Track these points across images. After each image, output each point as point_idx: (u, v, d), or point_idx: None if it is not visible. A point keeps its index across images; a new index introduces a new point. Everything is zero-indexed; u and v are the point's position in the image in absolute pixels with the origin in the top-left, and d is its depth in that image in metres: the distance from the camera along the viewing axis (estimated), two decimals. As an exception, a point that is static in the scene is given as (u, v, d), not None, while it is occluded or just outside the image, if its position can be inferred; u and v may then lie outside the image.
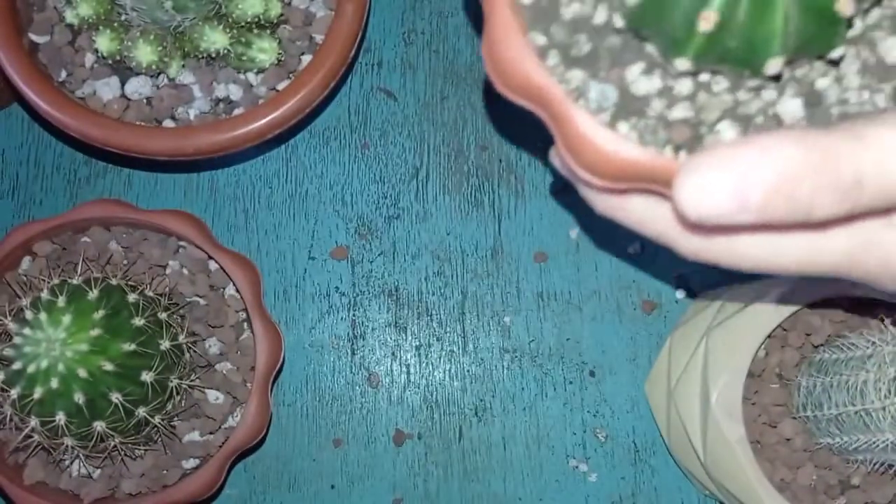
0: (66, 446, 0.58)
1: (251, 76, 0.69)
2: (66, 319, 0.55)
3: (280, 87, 0.69)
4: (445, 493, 0.71)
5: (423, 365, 0.73)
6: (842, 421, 0.56)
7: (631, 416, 0.71)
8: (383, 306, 0.74)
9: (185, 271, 0.68)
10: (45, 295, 0.57)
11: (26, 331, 0.55)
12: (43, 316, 0.56)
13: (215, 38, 0.65)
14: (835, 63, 0.35)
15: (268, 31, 0.68)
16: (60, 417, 0.56)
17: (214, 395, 0.65)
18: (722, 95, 0.36)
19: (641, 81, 0.36)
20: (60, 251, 0.67)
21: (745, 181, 0.28)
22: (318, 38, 0.70)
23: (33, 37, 0.68)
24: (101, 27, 0.65)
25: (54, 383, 0.54)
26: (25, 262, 0.67)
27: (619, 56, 0.36)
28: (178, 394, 0.62)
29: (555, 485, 0.71)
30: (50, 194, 0.75)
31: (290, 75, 0.69)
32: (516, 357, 0.73)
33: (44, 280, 0.61)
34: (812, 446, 0.61)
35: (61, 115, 0.65)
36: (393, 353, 0.73)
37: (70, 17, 0.65)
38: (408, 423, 0.72)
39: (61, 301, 0.56)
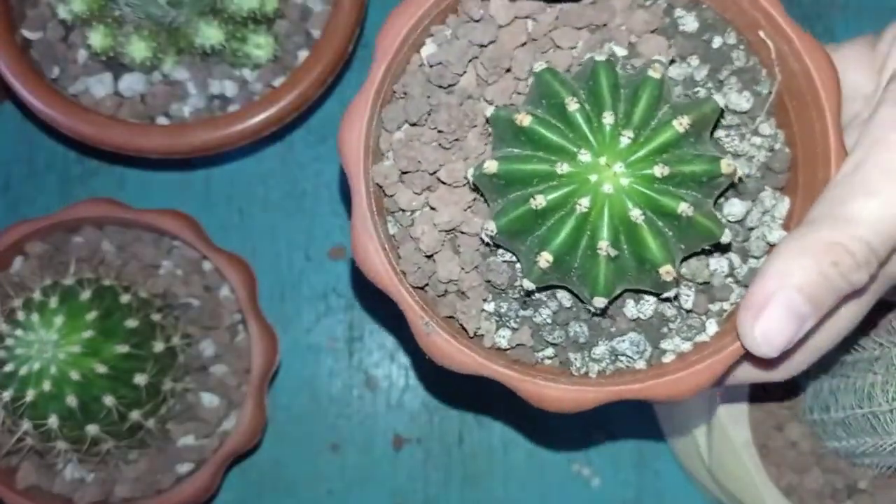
0: (59, 450, 0.59)
1: (247, 72, 0.70)
2: (59, 321, 0.56)
3: (276, 83, 0.70)
4: (445, 499, 0.72)
5: (423, 367, 0.74)
6: (849, 424, 0.57)
7: (635, 420, 0.72)
8: (382, 307, 0.74)
9: (178, 272, 0.69)
10: (37, 296, 0.58)
11: (18, 332, 0.56)
12: (35, 317, 0.57)
13: (210, 34, 0.66)
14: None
15: (264, 27, 0.69)
16: (53, 420, 0.57)
17: (209, 398, 0.66)
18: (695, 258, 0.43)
19: (643, 308, 0.42)
20: (53, 251, 0.68)
21: (789, 307, 0.37)
22: (316, 33, 0.71)
23: (26, 33, 0.70)
24: (94, 23, 0.66)
25: (47, 386, 0.55)
26: (17, 262, 0.68)
27: (612, 309, 0.42)
28: (172, 397, 0.63)
29: (557, 490, 0.72)
30: (42, 193, 0.76)
31: (287, 71, 0.70)
32: (518, 359, 0.73)
33: (36, 280, 0.62)
34: (819, 450, 0.61)
35: (53, 112, 0.66)
36: (392, 356, 0.74)
37: (63, 12, 0.66)
38: (407, 427, 0.73)
39: (53, 302, 0.57)
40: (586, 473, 0.72)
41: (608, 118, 0.37)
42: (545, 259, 0.38)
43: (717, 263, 0.42)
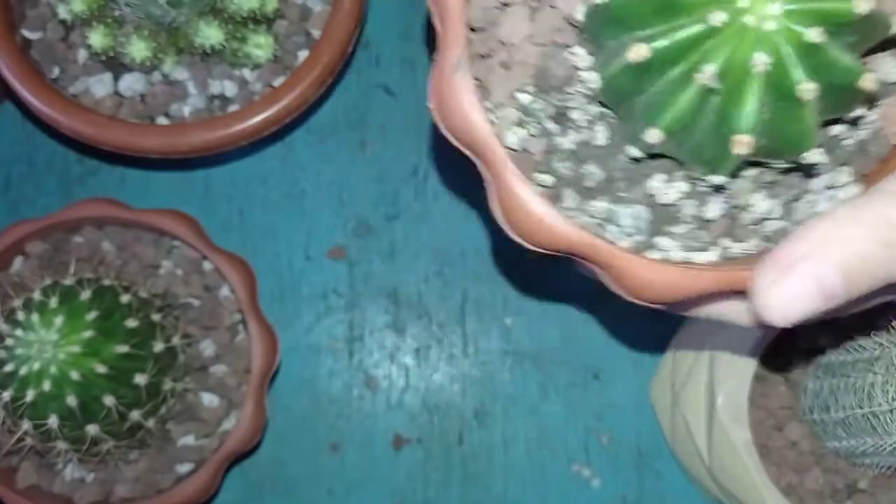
0: (59, 450, 0.60)
1: (246, 72, 0.71)
2: (59, 321, 0.57)
3: (276, 83, 0.70)
4: (445, 499, 0.72)
5: (423, 368, 0.74)
6: (849, 424, 0.57)
7: (635, 420, 0.72)
8: (382, 308, 0.75)
9: (178, 272, 0.69)
10: (36, 296, 0.59)
11: (18, 332, 0.57)
12: (35, 317, 0.57)
13: (210, 34, 0.66)
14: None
15: (263, 27, 0.69)
16: (53, 420, 0.57)
17: (209, 398, 0.67)
18: (749, 175, 0.36)
19: (667, 190, 0.36)
20: (52, 251, 0.68)
21: (820, 280, 0.31)
22: (315, 33, 0.72)
23: (26, 33, 0.70)
24: (94, 23, 0.66)
25: (47, 386, 0.56)
26: (17, 262, 0.68)
27: (635, 173, 0.36)
28: (172, 397, 0.63)
29: (557, 490, 0.72)
30: (42, 193, 0.77)
31: (287, 71, 0.70)
32: (518, 359, 0.74)
33: (36, 280, 0.62)
34: (819, 450, 0.62)
35: (53, 112, 0.66)
36: (391, 356, 0.74)
37: (63, 12, 0.67)
38: (407, 428, 0.73)
39: (53, 302, 0.58)
40: (586, 474, 0.72)
41: None
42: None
43: (759, 200, 0.37)
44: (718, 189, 0.36)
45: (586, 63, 0.35)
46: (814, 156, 0.33)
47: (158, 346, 0.61)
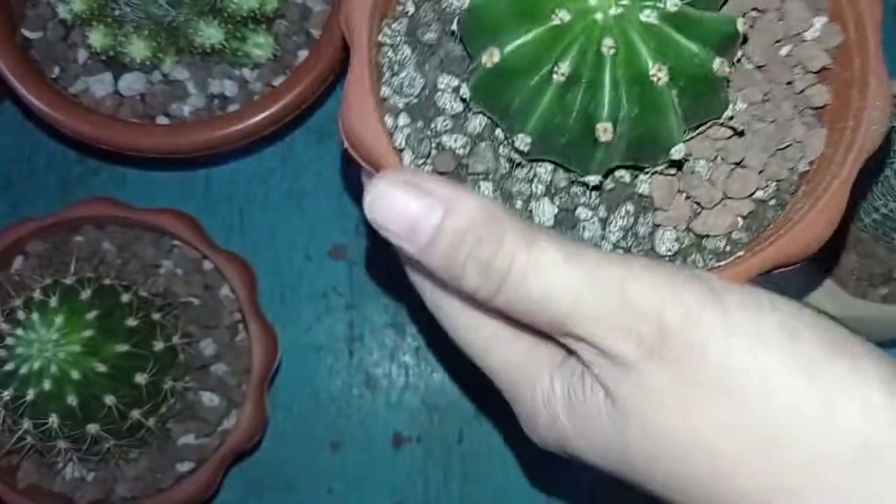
0: (60, 449, 0.60)
1: (247, 72, 0.71)
2: (59, 320, 0.57)
3: (276, 82, 0.70)
4: (445, 497, 0.72)
5: (423, 366, 0.74)
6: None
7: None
8: (382, 307, 0.75)
9: (178, 271, 0.69)
10: (37, 295, 0.59)
11: (18, 331, 0.57)
12: (35, 316, 0.57)
13: (210, 34, 0.66)
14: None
15: (263, 26, 0.69)
16: (53, 420, 0.57)
17: (209, 398, 0.67)
18: (501, 157, 0.37)
19: (447, 96, 0.37)
20: (53, 250, 0.69)
21: (426, 215, 0.30)
22: (315, 32, 0.72)
23: (26, 33, 0.70)
24: (94, 22, 0.67)
25: (47, 385, 0.56)
26: (18, 261, 0.69)
27: (447, 60, 0.37)
28: (172, 396, 0.63)
29: (558, 488, 0.72)
30: (43, 193, 0.77)
31: (287, 71, 0.71)
32: (518, 359, 0.74)
33: (36, 280, 0.63)
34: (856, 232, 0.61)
35: (54, 112, 0.67)
36: (391, 355, 0.75)
37: (63, 12, 0.67)
38: (407, 426, 0.73)
39: (54, 301, 0.58)
40: (588, 473, 0.72)
41: None
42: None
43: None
44: (471, 136, 0.37)
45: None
46: (678, 152, 0.33)
47: (158, 346, 0.62)
